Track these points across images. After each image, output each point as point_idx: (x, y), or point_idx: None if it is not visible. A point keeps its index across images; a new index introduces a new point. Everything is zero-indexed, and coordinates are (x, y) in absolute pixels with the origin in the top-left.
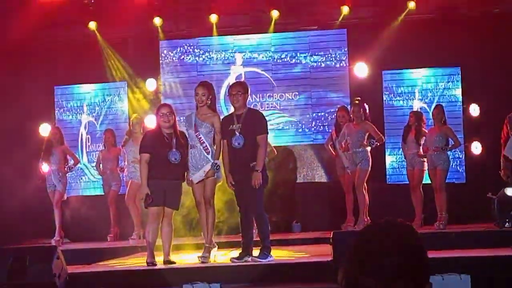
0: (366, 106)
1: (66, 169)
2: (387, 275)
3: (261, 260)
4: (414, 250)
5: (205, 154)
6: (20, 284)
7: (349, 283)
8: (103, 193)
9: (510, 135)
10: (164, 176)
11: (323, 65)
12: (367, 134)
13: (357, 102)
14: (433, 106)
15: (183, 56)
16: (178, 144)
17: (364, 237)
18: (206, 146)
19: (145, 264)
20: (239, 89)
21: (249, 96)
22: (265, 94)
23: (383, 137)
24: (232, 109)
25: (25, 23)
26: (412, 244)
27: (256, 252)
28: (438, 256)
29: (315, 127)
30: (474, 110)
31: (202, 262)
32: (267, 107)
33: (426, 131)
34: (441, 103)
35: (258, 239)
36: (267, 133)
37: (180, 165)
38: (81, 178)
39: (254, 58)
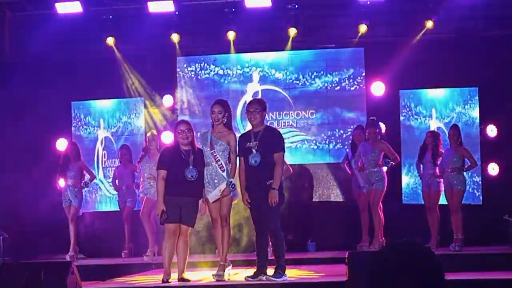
0: (382, 125)
1: (82, 184)
2: None
3: (275, 279)
4: (432, 271)
5: (220, 172)
6: None
7: None
8: (118, 209)
9: None
10: (180, 193)
11: (340, 83)
12: (382, 153)
13: (372, 121)
14: (449, 127)
15: (200, 73)
16: (195, 161)
17: (382, 258)
18: (221, 164)
19: (160, 281)
20: (256, 106)
21: (266, 114)
22: (281, 112)
23: (398, 157)
24: (248, 127)
25: (44, 37)
26: (430, 265)
27: (271, 271)
28: (453, 278)
29: (331, 146)
30: (492, 131)
31: (217, 280)
32: (283, 125)
33: (443, 151)
34: (457, 124)
35: (273, 257)
36: (284, 151)
37: (197, 183)
38: (97, 194)
39: (271, 75)
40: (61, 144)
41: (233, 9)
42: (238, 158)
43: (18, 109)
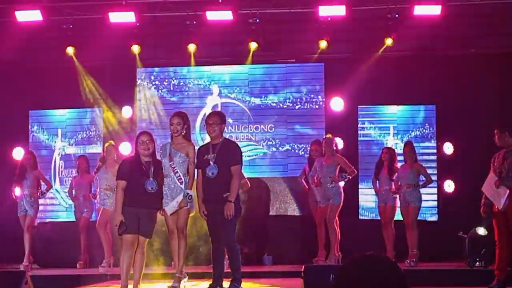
0: (339, 141)
1: (38, 194)
2: None
3: None
4: (397, 284)
5: (178, 183)
6: None
7: None
8: (74, 219)
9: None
10: (139, 204)
11: (299, 98)
12: (338, 167)
13: (328, 136)
14: (403, 144)
15: (160, 85)
16: (155, 173)
17: (347, 271)
18: (179, 175)
19: None
20: (215, 119)
21: (225, 127)
22: (240, 126)
23: (355, 170)
24: (207, 139)
25: (3, 45)
26: (395, 278)
27: (226, 283)
28: None
29: (289, 160)
30: (448, 148)
31: None
32: (242, 139)
33: (398, 167)
34: (410, 140)
35: (229, 270)
36: (241, 164)
37: (156, 195)
38: (53, 204)
39: (231, 89)
40: (18, 153)
41: (195, 22)
42: (196, 170)
43: None
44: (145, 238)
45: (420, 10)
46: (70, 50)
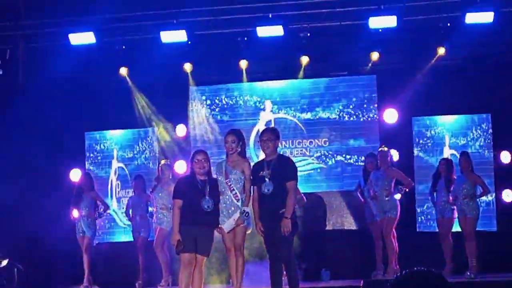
0: (394, 153)
1: (96, 215)
2: None
3: None
4: None
5: (235, 201)
6: None
7: None
8: (132, 239)
9: None
10: (196, 223)
11: (352, 111)
12: (393, 180)
13: (383, 149)
14: (459, 154)
15: (212, 102)
16: (211, 192)
17: (399, 286)
18: (236, 193)
19: None
20: (269, 135)
21: (279, 143)
22: (294, 141)
23: (411, 182)
24: (262, 156)
25: (58, 68)
26: None
27: None
28: None
29: (344, 174)
30: (505, 157)
31: None
32: (296, 154)
33: (455, 178)
34: (465, 150)
35: (288, 287)
36: (297, 179)
37: (213, 213)
38: (111, 224)
39: (283, 104)
40: (75, 175)
41: (246, 38)
42: (251, 187)
43: (32, 139)
44: (203, 256)
45: (472, 18)
46: (123, 71)
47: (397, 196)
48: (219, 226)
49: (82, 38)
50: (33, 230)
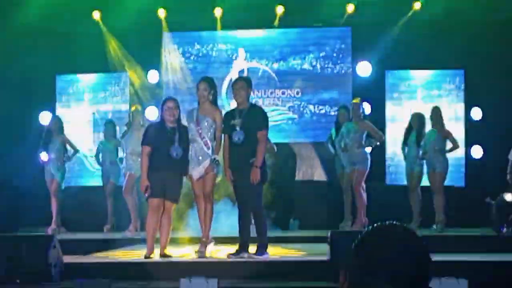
0: (366, 106)
1: (65, 158)
2: (392, 279)
3: (257, 257)
4: (419, 254)
5: (205, 149)
6: (16, 272)
7: (353, 286)
8: (101, 184)
9: None
10: (164, 170)
11: (326, 62)
12: (365, 133)
13: (356, 101)
14: (431, 109)
15: (186, 49)
16: (180, 139)
17: (367, 240)
18: (206, 141)
19: (141, 256)
20: (242, 84)
21: (252, 92)
22: (267, 90)
23: (383, 135)
24: (234, 104)
25: (30, 10)
26: (416, 248)
27: (253, 248)
28: (434, 259)
29: (316, 125)
30: (476, 113)
31: (199, 257)
32: (268, 103)
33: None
34: (438, 106)
35: (256, 235)
36: (268, 129)
37: (181, 160)
38: (80, 168)
39: (257, 53)
40: (45, 118)
41: None
42: (222, 135)
43: (2, 82)
44: (171, 202)
45: None
46: (96, 15)
47: (368, 149)
48: (189, 173)
49: None
50: (2, 172)
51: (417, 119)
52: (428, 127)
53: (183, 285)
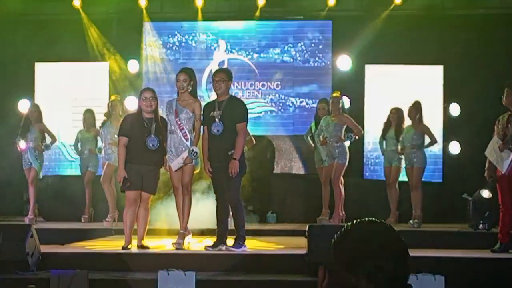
0: (346, 100)
1: (43, 147)
2: (371, 275)
3: (235, 249)
4: (398, 251)
5: (184, 140)
6: None
7: (332, 283)
8: (79, 174)
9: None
10: (141, 161)
11: (306, 55)
12: (344, 127)
13: (335, 95)
14: (410, 104)
15: (166, 39)
16: (157, 130)
17: (346, 236)
18: (185, 132)
19: (119, 247)
20: (222, 76)
21: (231, 84)
22: (247, 82)
23: (361, 130)
24: (214, 96)
25: None
26: (396, 245)
27: (231, 241)
28: (411, 255)
29: (295, 118)
30: (455, 109)
31: (176, 249)
32: (248, 96)
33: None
34: (418, 100)
35: (233, 228)
36: (247, 121)
37: (158, 151)
38: (58, 157)
39: (238, 45)
40: (23, 106)
41: None
42: (202, 127)
43: None
44: (148, 194)
45: None
46: (76, 2)
47: (347, 143)
48: (167, 164)
49: None
50: None
51: (396, 114)
52: (406, 122)
53: (161, 277)
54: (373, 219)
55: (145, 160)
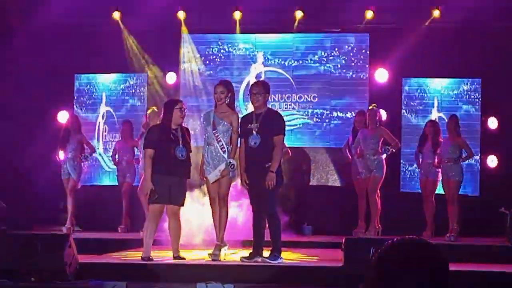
0: (383, 112)
1: (81, 157)
2: None
3: (271, 261)
4: (439, 271)
5: (221, 152)
6: (31, 270)
7: None
8: (117, 184)
9: None
10: (169, 172)
11: (344, 68)
12: (381, 140)
13: (372, 108)
14: (447, 117)
15: (204, 51)
16: (184, 140)
17: (387, 254)
18: (222, 144)
19: (156, 258)
20: (260, 89)
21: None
22: (284, 95)
23: (398, 143)
24: (250, 108)
25: (51, 8)
26: (437, 265)
27: (267, 253)
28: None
29: (332, 131)
30: (492, 123)
31: (213, 260)
32: (285, 108)
33: (442, 141)
34: (455, 114)
35: (269, 239)
36: (284, 134)
37: (186, 162)
38: (97, 168)
39: (275, 57)
40: (63, 117)
41: None
42: (239, 139)
43: (22, 81)
44: (177, 206)
45: None
46: (116, 15)
47: (383, 156)
48: (205, 176)
49: None
50: (20, 170)
51: (432, 127)
52: (444, 135)
53: None
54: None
55: (174, 171)
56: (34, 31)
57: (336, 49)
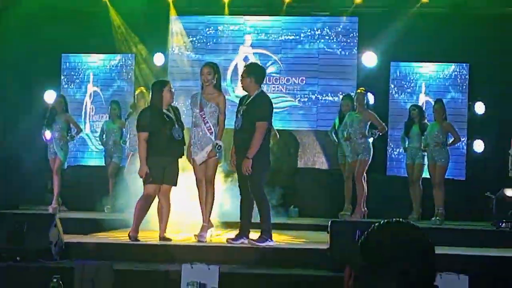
0: (370, 96)
1: (68, 137)
2: (398, 277)
3: (258, 243)
4: (425, 252)
5: (208, 134)
6: (18, 250)
7: (359, 284)
8: (104, 164)
9: None
10: (164, 153)
11: (332, 52)
12: (368, 123)
13: (360, 91)
14: (434, 101)
15: (193, 33)
16: (178, 120)
17: (373, 237)
18: (209, 126)
19: (141, 238)
20: (246, 71)
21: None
22: (271, 77)
23: (385, 126)
24: (239, 90)
25: None
26: (423, 246)
27: (255, 235)
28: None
29: (319, 114)
30: (479, 107)
31: (199, 241)
32: (273, 90)
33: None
34: (441, 98)
35: (258, 221)
36: (267, 121)
37: (181, 142)
38: (83, 148)
39: (263, 39)
40: (49, 96)
41: None
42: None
43: (9, 60)
44: (170, 186)
45: None
46: None
47: (370, 140)
48: (191, 157)
49: None
50: (6, 149)
51: (418, 111)
52: (430, 119)
53: (185, 271)
54: (400, 219)
55: (169, 152)
56: (21, 11)
57: (325, 32)
